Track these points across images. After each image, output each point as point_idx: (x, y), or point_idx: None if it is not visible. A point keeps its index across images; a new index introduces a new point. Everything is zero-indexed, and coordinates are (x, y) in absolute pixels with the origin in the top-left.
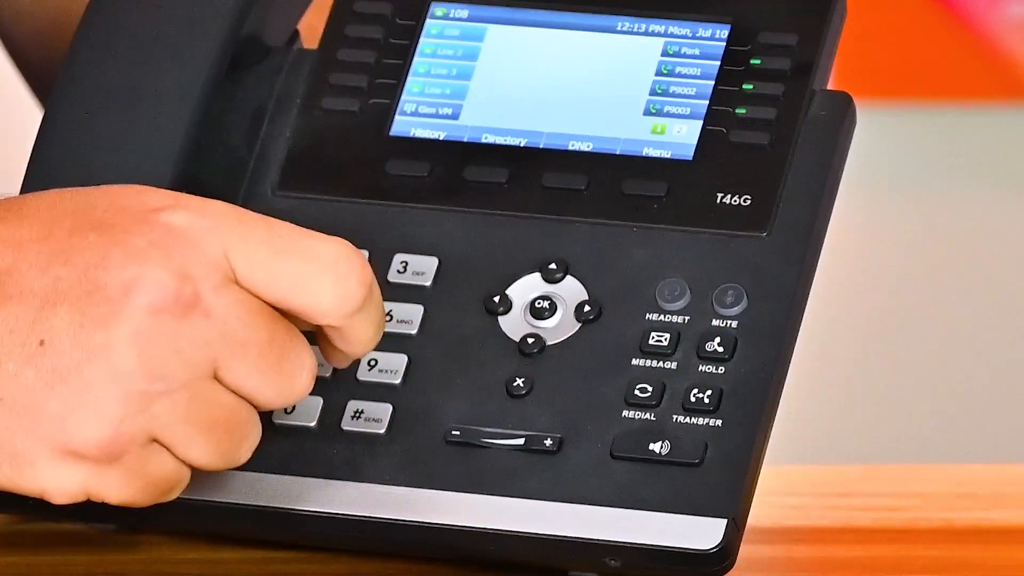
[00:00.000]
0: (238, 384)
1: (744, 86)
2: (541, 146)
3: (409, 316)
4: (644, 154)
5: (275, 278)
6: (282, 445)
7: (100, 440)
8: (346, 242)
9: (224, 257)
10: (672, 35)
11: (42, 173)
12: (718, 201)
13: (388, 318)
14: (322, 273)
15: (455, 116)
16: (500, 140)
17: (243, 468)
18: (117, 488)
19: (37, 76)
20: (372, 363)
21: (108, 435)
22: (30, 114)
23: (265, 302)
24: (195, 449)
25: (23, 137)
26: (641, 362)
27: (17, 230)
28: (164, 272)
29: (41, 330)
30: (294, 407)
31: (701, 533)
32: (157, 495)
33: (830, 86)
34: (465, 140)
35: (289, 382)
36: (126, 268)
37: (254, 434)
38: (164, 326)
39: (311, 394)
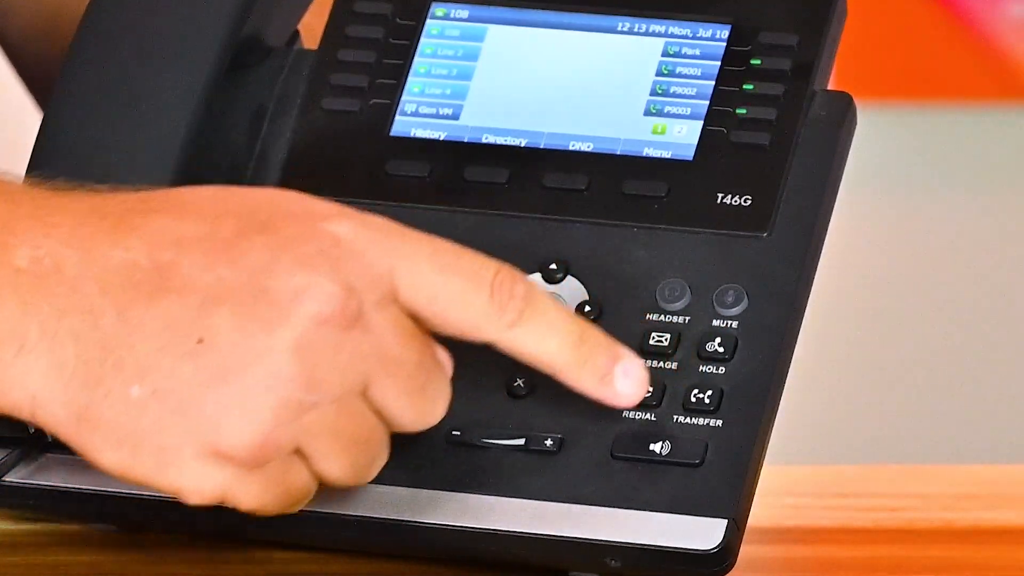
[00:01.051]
0: (384, 403)
1: (744, 86)
2: (541, 146)
3: None
4: (644, 154)
5: (436, 295)
6: None
7: (251, 445)
8: (506, 264)
9: (389, 272)
10: (672, 35)
11: (42, 173)
12: (718, 201)
13: None
14: (480, 289)
15: (455, 116)
16: (500, 140)
17: None
18: (254, 495)
19: (32, 73)
20: None
21: (259, 440)
22: (26, 111)
23: (422, 318)
24: (333, 464)
25: (19, 134)
26: None
27: (179, 224)
28: (332, 283)
29: (201, 328)
30: None
31: (701, 534)
32: (287, 505)
33: (830, 86)
34: (465, 140)
35: (430, 406)
36: (294, 275)
37: (384, 454)
38: (327, 337)
39: None
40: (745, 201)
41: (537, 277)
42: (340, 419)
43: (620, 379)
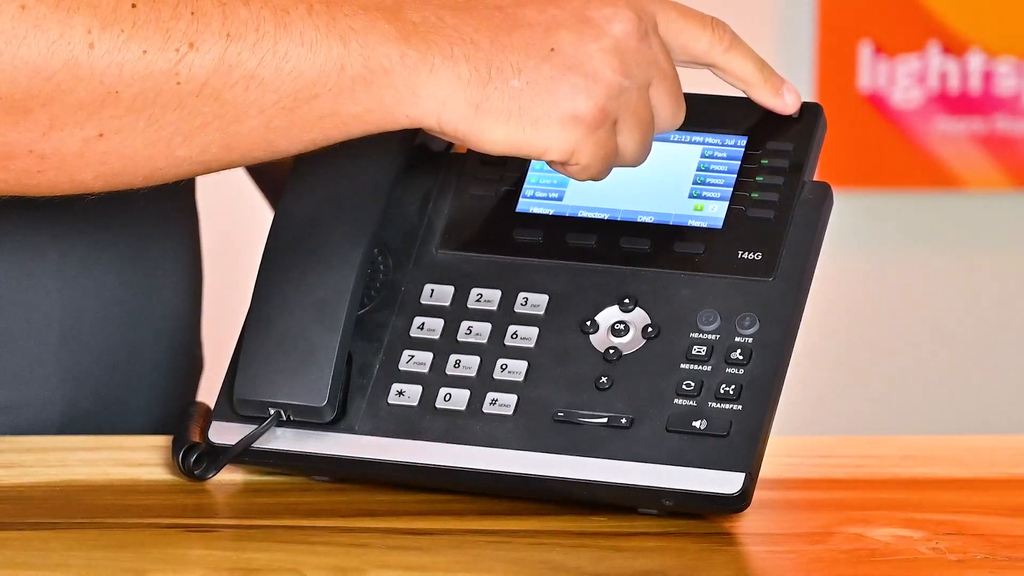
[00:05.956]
0: (658, 101)
1: (757, 178)
2: (619, 219)
3: (529, 335)
4: (689, 224)
5: (678, 29)
6: (442, 422)
7: (595, 108)
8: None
9: (653, 13)
10: (707, 143)
11: (280, 238)
12: (739, 256)
13: (513, 336)
14: (705, 26)
15: (560, 198)
16: (591, 215)
17: (415, 437)
18: (590, 152)
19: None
20: (504, 366)
21: (600, 105)
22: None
23: (671, 47)
24: (631, 138)
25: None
26: (687, 366)
27: None
28: (631, 12)
29: (550, 42)
30: (450, 396)
31: (727, 482)
32: (602, 169)
33: (816, 178)
34: (567, 215)
35: (680, 112)
36: (605, 8)
37: (648, 147)
38: (631, 44)
39: (459, 388)
40: (757, 256)
41: (616, 308)
42: (639, 103)
43: (787, 94)
